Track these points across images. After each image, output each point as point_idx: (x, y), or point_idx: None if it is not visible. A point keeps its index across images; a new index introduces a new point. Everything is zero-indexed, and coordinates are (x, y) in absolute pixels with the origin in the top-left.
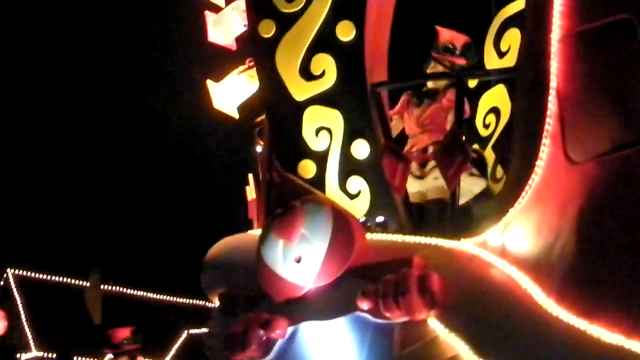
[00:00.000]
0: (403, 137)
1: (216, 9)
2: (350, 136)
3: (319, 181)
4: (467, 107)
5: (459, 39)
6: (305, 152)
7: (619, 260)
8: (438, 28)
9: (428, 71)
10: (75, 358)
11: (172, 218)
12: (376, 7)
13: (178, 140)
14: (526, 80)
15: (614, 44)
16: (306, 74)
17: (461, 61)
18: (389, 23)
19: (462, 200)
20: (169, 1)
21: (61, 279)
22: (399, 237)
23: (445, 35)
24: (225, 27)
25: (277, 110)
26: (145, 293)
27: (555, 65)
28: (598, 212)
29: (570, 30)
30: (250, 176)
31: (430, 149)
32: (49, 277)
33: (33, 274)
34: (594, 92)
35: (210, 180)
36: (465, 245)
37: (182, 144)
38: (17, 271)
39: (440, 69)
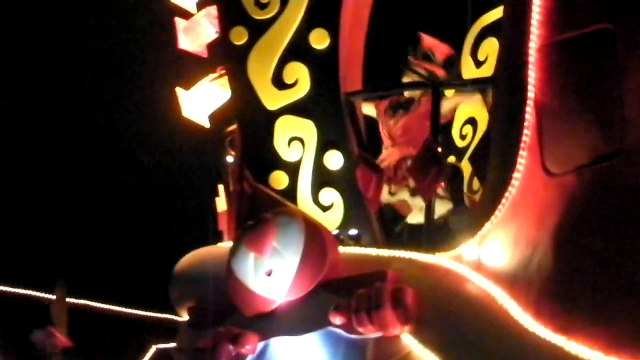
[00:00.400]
0: None
1: (187, 16)
2: (323, 147)
3: (291, 193)
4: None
5: (441, 49)
6: (277, 162)
7: (598, 274)
8: (422, 34)
9: (404, 80)
10: None
11: (140, 229)
12: (351, 15)
13: (146, 149)
14: (503, 91)
15: (593, 54)
16: (279, 82)
17: (439, 71)
18: (364, 31)
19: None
20: (138, 7)
21: (25, 291)
22: (372, 251)
23: (428, 41)
24: (196, 33)
25: (248, 120)
26: (112, 306)
27: (533, 75)
28: (576, 226)
29: (549, 40)
30: (221, 187)
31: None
32: (12, 289)
33: None
34: (573, 102)
35: (179, 191)
36: (441, 259)
37: (151, 153)
38: None
39: (417, 78)
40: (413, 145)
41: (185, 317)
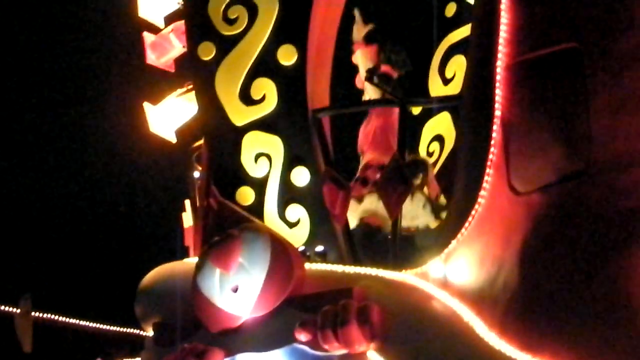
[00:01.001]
0: None
1: (155, 30)
2: (290, 163)
3: (257, 209)
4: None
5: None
6: (244, 178)
7: (563, 294)
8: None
9: (365, 98)
10: None
11: (106, 244)
12: (319, 32)
13: (113, 164)
14: (470, 108)
15: (560, 73)
16: (246, 98)
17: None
18: (332, 48)
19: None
20: (106, 21)
21: None
22: (338, 267)
23: (384, 67)
24: (164, 48)
25: (215, 135)
26: (78, 321)
27: (500, 93)
28: (542, 244)
29: (516, 58)
30: (187, 202)
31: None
32: None
33: None
34: (539, 121)
35: (145, 206)
36: (407, 277)
37: (117, 168)
38: None
39: (371, 92)
40: (374, 151)
41: (150, 332)
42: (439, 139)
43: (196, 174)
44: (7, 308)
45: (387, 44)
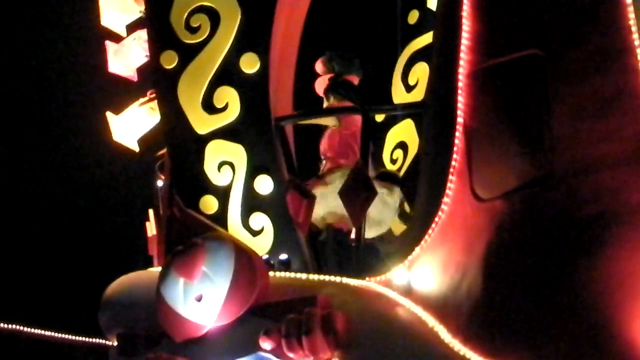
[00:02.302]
0: None
1: (117, 39)
2: (253, 171)
3: (221, 217)
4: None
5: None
6: (207, 187)
7: (526, 300)
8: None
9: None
10: None
11: (69, 253)
12: (281, 40)
13: (76, 172)
14: (433, 116)
15: (522, 79)
16: (209, 107)
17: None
18: (294, 56)
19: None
20: (68, 30)
21: None
22: (303, 276)
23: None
24: (126, 57)
25: (178, 144)
26: (41, 331)
27: (462, 101)
28: (504, 251)
29: (478, 65)
30: (151, 211)
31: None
32: None
33: None
34: (501, 128)
35: (109, 215)
36: (371, 284)
37: (81, 177)
38: None
39: (332, 100)
40: (334, 157)
41: (115, 343)
42: (403, 146)
43: (159, 183)
44: None
45: (326, 55)
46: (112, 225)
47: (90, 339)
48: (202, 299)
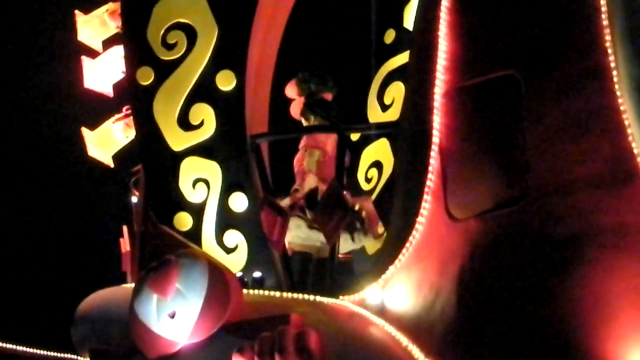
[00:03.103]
0: None
1: (93, 54)
2: (228, 189)
3: (195, 234)
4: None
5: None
6: (181, 204)
7: (500, 322)
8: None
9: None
10: None
11: (42, 269)
12: (257, 57)
13: (50, 188)
14: (408, 135)
15: (497, 100)
16: (184, 123)
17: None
18: (271, 73)
19: None
20: (44, 44)
21: None
22: (276, 294)
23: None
24: (102, 73)
25: (153, 161)
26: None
27: (437, 120)
28: (478, 271)
29: (454, 85)
30: (125, 228)
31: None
32: None
33: None
34: (477, 148)
35: (83, 231)
36: (345, 303)
37: (55, 192)
38: None
39: (312, 121)
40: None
41: (87, 359)
42: (378, 165)
43: (134, 199)
44: None
45: (300, 76)
46: (86, 241)
47: (63, 355)
48: (175, 316)
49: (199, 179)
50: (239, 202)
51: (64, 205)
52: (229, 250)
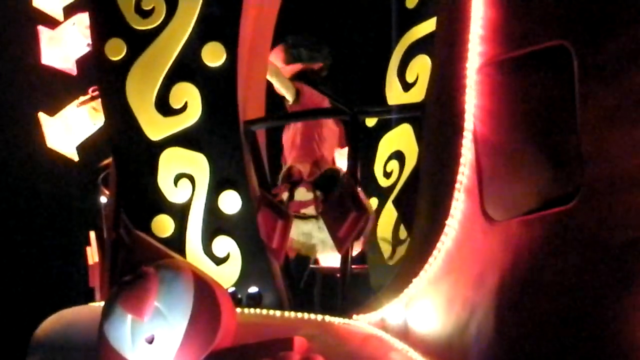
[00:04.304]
0: None
1: (53, 24)
2: (217, 186)
3: (177, 241)
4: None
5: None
6: (161, 205)
7: (548, 344)
8: None
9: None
10: None
11: None
12: (252, 29)
13: (2, 185)
14: (435, 120)
15: (544, 76)
16: (164, 107)
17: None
18: (267, 49)
19: None
20: None
21: None
22: (277, 313)
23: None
24: (63, 46)
25: (126, 152)
26: None
27: (471, 101)
28: (522, 284)
29: (491, 59)
30: (93, 234)
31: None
32: None
33: None
34: (519, 134)
35: (42, 239)
36: (358, 324)
37: (6, 191)
38: None
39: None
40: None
41: None
42: (399, 155)
43: (103, 199)
44: None
45: (288, 40)
46: (45, 251)
47: None
48: (154, 341)
49: (182, 175)
50: (230, 202)
51: (18, 206)
52: (218, 261)
